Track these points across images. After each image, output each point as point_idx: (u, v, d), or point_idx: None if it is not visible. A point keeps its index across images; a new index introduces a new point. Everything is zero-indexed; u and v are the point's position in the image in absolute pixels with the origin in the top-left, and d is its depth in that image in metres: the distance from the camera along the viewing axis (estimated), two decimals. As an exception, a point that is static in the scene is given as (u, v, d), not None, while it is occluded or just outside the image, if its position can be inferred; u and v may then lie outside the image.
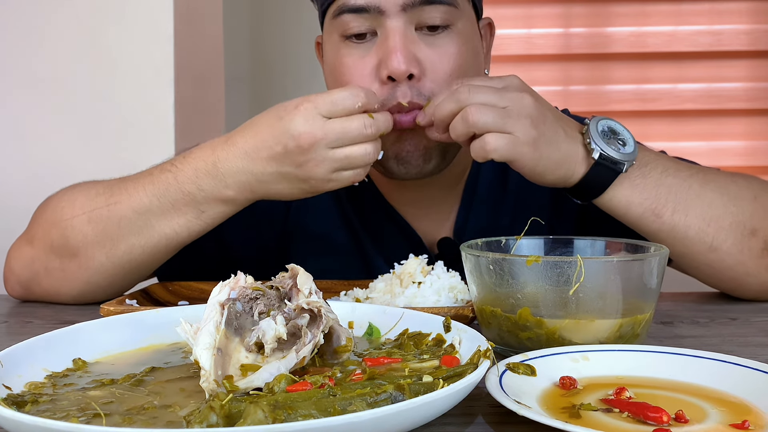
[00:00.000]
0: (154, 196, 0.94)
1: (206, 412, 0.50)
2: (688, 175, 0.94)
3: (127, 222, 0.95)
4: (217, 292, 0.65)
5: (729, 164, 2.33)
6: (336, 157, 0.87)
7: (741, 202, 0.94)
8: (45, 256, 1.00)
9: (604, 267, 0.71)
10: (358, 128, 0.87)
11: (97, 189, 0.99)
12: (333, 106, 0.87)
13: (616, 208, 0.93)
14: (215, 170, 0.91)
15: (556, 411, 0.57)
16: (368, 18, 0.94)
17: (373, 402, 0.52)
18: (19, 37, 1.55)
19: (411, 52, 0.93)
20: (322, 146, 0.86)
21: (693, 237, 0.92)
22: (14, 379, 0.59)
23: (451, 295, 0.87)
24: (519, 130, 0.86)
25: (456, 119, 0.88)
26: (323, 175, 0.88)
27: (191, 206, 0.93)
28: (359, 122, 0.87)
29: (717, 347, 0.76)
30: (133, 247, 0.96)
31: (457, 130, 0.88)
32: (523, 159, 0.87)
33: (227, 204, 0.93)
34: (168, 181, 0.94)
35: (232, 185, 0.91)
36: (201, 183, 0.92)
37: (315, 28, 1.11)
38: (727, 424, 0.54)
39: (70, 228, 0.97)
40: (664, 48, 2.36)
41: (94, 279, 0.98)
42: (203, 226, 0.95)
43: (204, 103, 1.81)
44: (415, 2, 0.93)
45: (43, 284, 1.02)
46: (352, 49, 0.97)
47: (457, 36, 0.97)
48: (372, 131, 0.87)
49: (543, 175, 0.90)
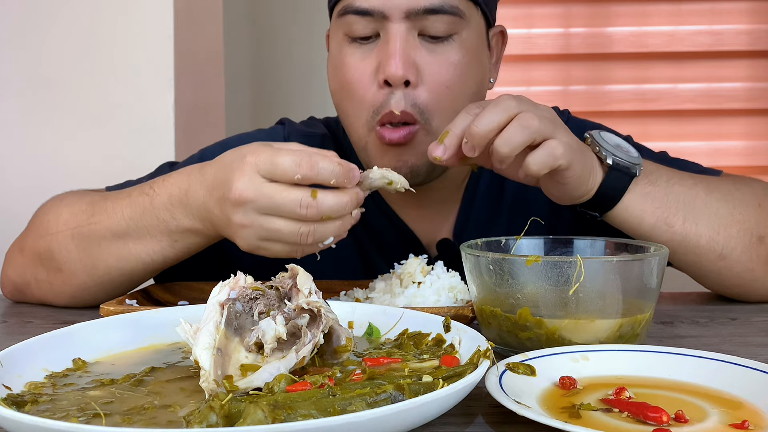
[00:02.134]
0: (131, 220, 0.93)
1: (206, 412, 0.50)
2: (692, 183, 0.94)
3: (107, 244, 0.94)
4: (217, 292, 0.65)
5: (729, 164, 2.33)
6: (264, 226, 0.79)
7: (747, 210, 0.94)
8: (33, 266, 1.01)
9: (603, 267, 0.71)
10: (292, 203, 0.77)
11: (80, 205, 0.99)
12: (273, 167, 0.78)
13: (631, 218, 0.91)
14: (186, 199, 0.89)
15: (555, 411, 0.57)
16: (372, 21, 0.94)
17: (373, 402, 0.52)
18: (20, 37, 1.55)
19: (410, 57, 0.93)
20: (251, 209, 0.79)
21: (704, 246, 0.92)
22: (14, 379, 0.59)
23: (450, 295, 0.87)
24: (563, 136, 0.83)
25: (511, 128, 0.80)
26: (249, 240, 0.82)
27: (165, 234, 0.91)
28: (296, 196, 0.77)
29: (717, 347, 0.76)
30: (111, 269, 0.95)
31: (516, 138, 0.80)
32: (575, 164, 0.84)
33: (198, 235, 0.91)
34: (144, 205, 0.92)
35: (198, 218, 0.88)
36: (174, 211, 0.90)
37: (314, 28, 1.12)
38: (727, 424, 0.54)
39: (56, 242, 0.98)
40: (664, 48, 2.36)
41: (79, 294, 0.99)
42: (178, 255, 0.94)
43: (204, 103, 1.81)
44: (419, 10, 0.92)
45: (35, 293, 1.03)
46: (355, 49, 0.96)
47: (460, 46, 0.96)
48: (306, 213, 0.77)
49: (578, 187, 0.87)
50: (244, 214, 0.80)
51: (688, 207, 0.92)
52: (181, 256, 0.95)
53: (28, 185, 1.54)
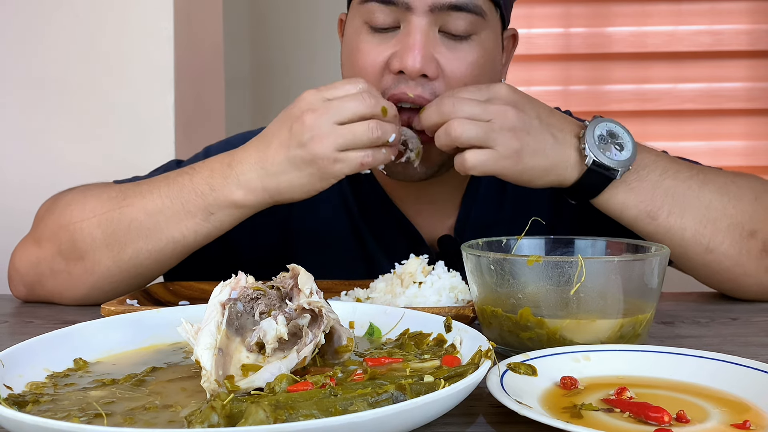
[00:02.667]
0: (167, 197, 0.94)
1: (207, 412, 0.50)
2: (687, 176, 0.94)
3: (137, 224, 0.95)
4: (218, 292, 0.65)
5: (729, 164, 2.33)
6: (339, 132, 0.86)
7: (741, 203, 0.94)
8: (51, 257, 1.00)
9: (605, 267, 0.72)
10: (356, 104, 0.87)
11: (109, 192, 0.99)
12: (333, 88, 0.89)
13: (612, 209, 0.94)
14: (229, 170, 0.92)
15: (557, 411, 0.57)
16: (394, 11, 0.94)
17: (375, 402, 0.52)
18: (19, 38, 1.55)
19: (429, 52, 0.93)
20: (324, 120, 0.86)
21: (689, 239, 0.93)
22: (15, 379, 0.59)
23: (452, 295, 0.87)
24: (501, 143, 0.87)
25: (440, 131, 0.89)
26: (328, 153, 0.86)
27: (201, 207, 0.93)
28: (358, 99, 0.87)
29: (717, 347, 0.76)
30: (140, 251, 0.95)
31: (441, 140, 0.89)
32: (505, 172, 0.89)
33: (236, 207, 0.92)
34: (184, 182, 0.94)
35: (243, 183, 0.91)
36: (214, 182, 0.92)
37: (315, 28, 1.12)
38: (728, 424, 0.54)
39: (79, 231, 0.97)
40: (664, 48, 2.36)
41: (99, 283, 0.98)
42: (211, 230, 0.95)
43: (204, 103, 1.81)
44: (443, 5, 0.92)
45: (48, 286, 1.02)
46: (372, 36, 0.97)
47: (479, 46, 0.96)
48: (371, 105, 0.87)
49: (530, 183, 0.92)
50: (319, 127, 0.87)
51: (676, 200, 0.92)
52: (213, 232, 0.95)
53: (29, 185, 1.53)
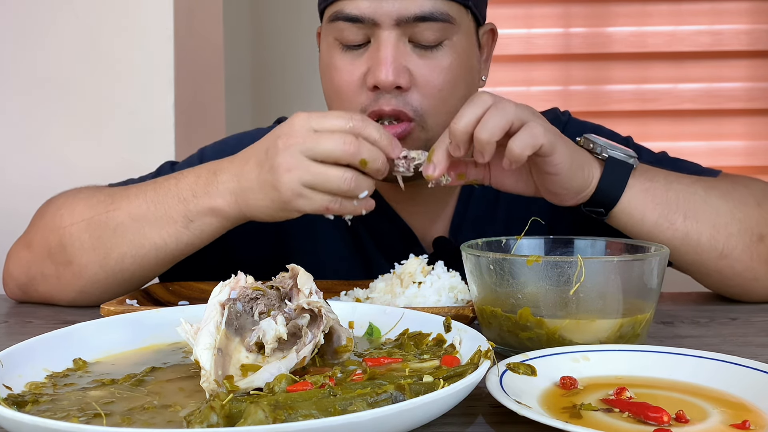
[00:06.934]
0: (151, 202, 0.94)
1: (207, 412, 0.50)
2: (690, 182, 0.94)
3: (123, 229, 0.95)
4: (218, 292, 0.65)
5: (729, 164, 2.33)
6: (310, 168, 0.83)
7: (746, 209, 0.94)
8: (41, 261, 1.00)
9: (604, 267, 0.71)
10: (334, 145, 0.83)
11: (98, 197, 0.99)
12: (323, 118, 0.85)
13: (634, 215, 0.90)
14: (213, 177, 0.91)
15: (556, 411, 0.57)
16: (363, 28, 0.94)
17: (374, 402, 0.52)
18: (20, 38, 1.55)
19: (401, 64, 0.93)
20: (296, 150, 0.83)
21: (705, 244, 0.92)
22: (15, 379, 0.59)
23: (451, 295, 0.87)
24: (541, 121, 0.84)
25: (488, 115, 0.81)
26: (293, 185, 0.84)
27: (182, 214, 0.92)
28: (339, 139, 0.83)
29: (717, 347, 0.76)
30: (124, 257, 0.95)
31: (490, 124, 0.80)
32: (559, 147, 0.84)
33: (214, 216, 0.92)
34: (169, 186, 0.94)
35: (223, 192, 0.90)
36: (197, 189, 0.92)
37: (314, 28, 1.11)
38: (727, 424, 0.54)
39: (68, 235, 0.97)
40: (664, 48, 2.36)
41: (87, 288, 0.99)
42: (191, 239, 0.94)
43: (204, 103, 1.81)
44: (409, 18, 0.93)
45: (40, 289, 1.02)
46: (345, 53, 0.97)
47: (451, 50, 0.96)
48: (350, 153, 0.82)
49: (572, 177, 0.87)
50: (291, 156, 0.83)
51: (688, 204, 0.92)
52: (195, 240, 0.94)
53: (29, 185, 1.53)
